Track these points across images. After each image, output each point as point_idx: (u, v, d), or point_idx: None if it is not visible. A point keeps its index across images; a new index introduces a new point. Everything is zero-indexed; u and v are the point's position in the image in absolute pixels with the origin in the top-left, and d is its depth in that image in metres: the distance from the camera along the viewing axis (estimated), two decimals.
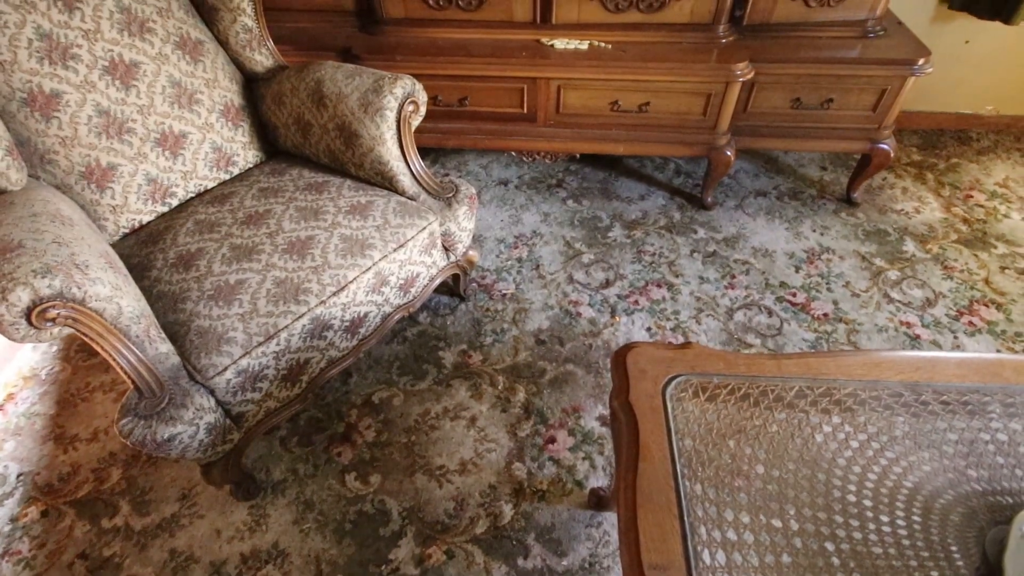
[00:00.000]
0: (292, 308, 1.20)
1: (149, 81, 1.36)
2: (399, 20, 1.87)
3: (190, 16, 1.44)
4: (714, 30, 1.81)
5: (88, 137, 1.30)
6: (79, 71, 1.27)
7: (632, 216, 2.14)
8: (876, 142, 1.94)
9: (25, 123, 1.24)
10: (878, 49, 1.80)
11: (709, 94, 1.81)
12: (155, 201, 1.43)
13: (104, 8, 1.29)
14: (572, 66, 1.78)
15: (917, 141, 2.50)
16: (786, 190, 2.25)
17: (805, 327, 1.74)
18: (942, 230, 2.07)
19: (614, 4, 1.78)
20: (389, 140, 1.39)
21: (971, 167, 2.36)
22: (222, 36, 1.50)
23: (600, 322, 1.76)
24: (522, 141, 1.99)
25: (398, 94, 1.36)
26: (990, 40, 2.25)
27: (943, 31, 2.25)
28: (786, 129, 1.93)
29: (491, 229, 2.09)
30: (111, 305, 0.99)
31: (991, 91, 2.44)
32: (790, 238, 2.04)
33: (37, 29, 1.21)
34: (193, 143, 1.46)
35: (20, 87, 1.22)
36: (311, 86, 1.44)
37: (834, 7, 1.79)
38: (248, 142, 1.58)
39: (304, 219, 1.37)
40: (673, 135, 1.92)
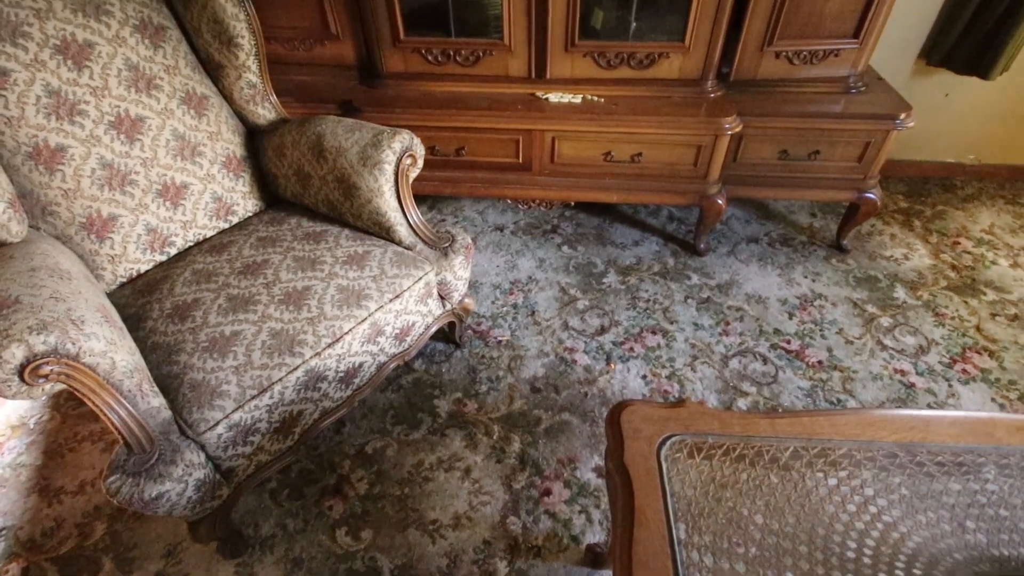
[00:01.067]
0: (287, 360, 1.20)
1: (154, 135, 1.40)
2: (399, 74, 1.93)
3: (196, 73, 1.49)
4: (703, 85, 1.88)
5: (91, 189, 1.32)
6: (85, 126, 1.30)
7: (626, 262, 2.16)
8: (863, 192, 1.99)
9: (29, 176, 1.26)
10: (861, 104, 1.86)
11: (699, 146, 1.86)
12: (154, 250, 1.45)
13: (113, 66, 1.33)
14: (566, 119, 1.84)
15: (903, 189, 2.57)
16: (777, 236, 2.29)
17: (800, 375, 1.74)
18: (932, 277, 2.10)
19: (606, 61, 1.85)
20: (387, 192, 1.42)
21: (957, 214, 2.42)
22: (227, 91, 1.55)
23: (596, 369, 1.76)
24: (518, 189, 2.03)
25: (396, 148, 1.40)
26: (969, 93, 2.34)
27: (923, 85, 2.34)
28: (775, 179, 1.98)
29: (487, 275, 2.11)
30: (105, 360, 0.99)
31: (972, 141, 2.51)
32: (783, 284, 2.06)
33: (46, 86, 1.25)
34: (194, 194, 1.49)
35: (26, 141, 1.24)
36: (312, 139, 1.48)
37: (816, 65, 1.86)
38: (248, 191, 1.61)
39: (301, 269, 1.38)
40: (665, 184, 1.96)
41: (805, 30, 1.78)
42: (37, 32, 1.24)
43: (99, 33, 1.31)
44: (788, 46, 1.81)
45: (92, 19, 1.31)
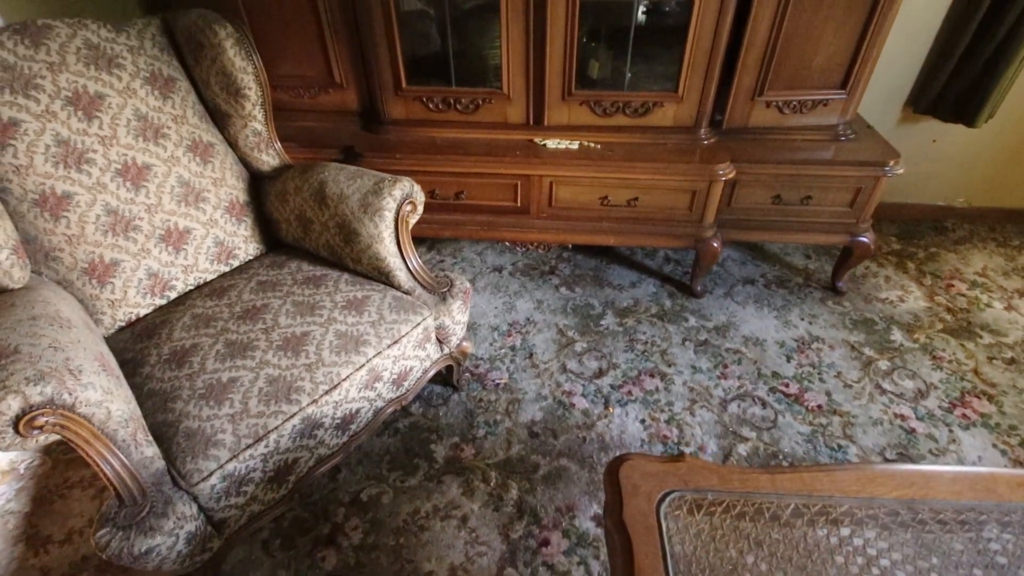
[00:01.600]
0: (284, 408, 1.19)
1: (159, 181, 1.42)
2: (400, 121, 1.99)
3: (203, 121, 1.53)
4: (696, 133, 1.93)
5: (95, 235, 1.34)
6: (92, 174, 1.33)
7: (624, 304, 2.17)
8: (856, 235, 2.02)
9: (34, 222, 1.28)
10: (850, 151, 1.91)
11: (694, 191, 1.89)
12: (154, 294, 1.45)
13: (122, 117, 1.37)
14: (563, 164, 1.88)
15: (896, 231, 2.60)
16: (773, 278, 2.31)
17: (800, 419, 1.73)
18: (927, 319, 2.11)
19: (602, 109, 1.90)
20: (387, 238, 1.44)
21: (950, 256, 2.45)
22: (232, 139, 1.58)
23: (594, 413, 1.75)
24: (516, 232, 2.05)
25: (397, 196, 1.42)
26: (956, 139, 2.40)
27: (911, 132, 2.40)
28: (769, 223, 2.01)
29: (485, 316, 2.11)
30: (100, 410, 0.98)
31: (961, 184, 2.57)
32: (780, 327, 2.07)
33: (56, 136, 1.28)
34: (196, 238, 1.50)
35: (33, 189, 1.27)
36: (314, 186, 1.51)
37: (806, 114, 1.92)
38: (250, 235, 1.63)
39: (300, 314, 1.38)
40: (661, 228, 1.99)
41: (794, 82, 1.84)
42: (50, 84, 1.28)
43: (110, 85, 1.35)
44: (778, 96, 1.87)
45: (104, 72, 1.35)
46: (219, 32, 1.41)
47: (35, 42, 1.27)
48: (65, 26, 1.32)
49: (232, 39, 1.43)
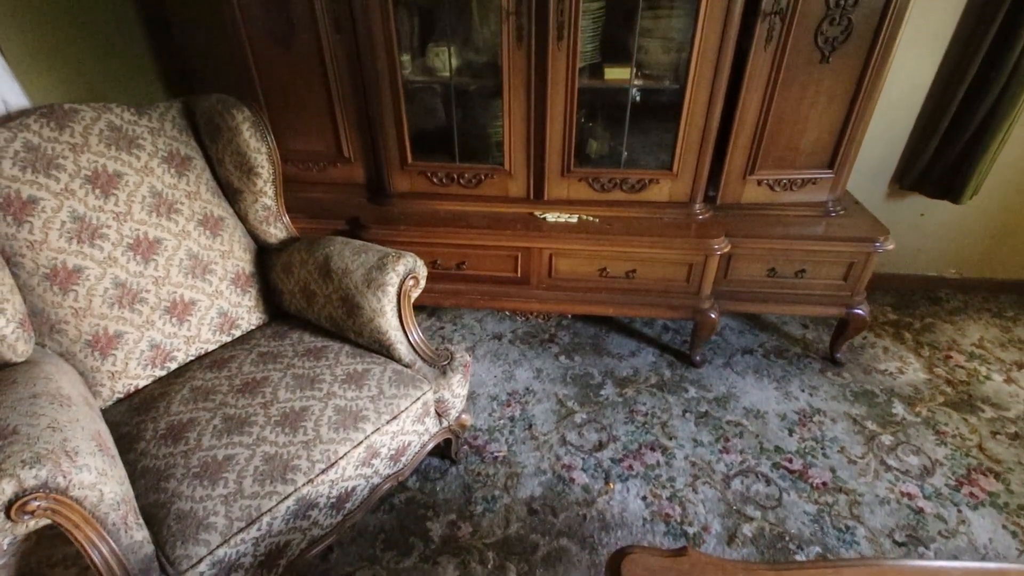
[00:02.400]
0: (279, 488, 1.17)
1: (169, 255, 1.46)
2: (405, 194, 2.05)
3: (216, 197, 1.58)
4: (691, 208, 1.99)
5: (101, 307, 1.36)
6: (104, 248, 1.36)
7: (623, 373, 2.17)
8: (851, 308, 2.05)
9: (43, 296, 1.30)
10: (841, 227, 1.97)
11: (691, 264, 1.94)
12: (155, 366, 1.46)
13: (138, 194, 1.42)
14: (563, 238, 1.93)
15: (891, 300, 2.64)
16: (772, 348, 2.32)
17: (805, 498, 1.69)
18: (928, 392, 2.10)
19: (600, 185, 1.97)
20: (389, 312, 1.46)
21: (946, 327, 2.47)
22: (242, 212, 1.63)
23: (594, 489, 1.71)
24: (516, 302, 2.08)
25: (400, 271, 1.46)
26: (944, 213, 2.47)
27: (899, 206, 2.48)
28: (765, 295, 2.04)
29: (484, 385, 2.11)
30: (93, 492, 0.97)
31: (952, 256, 2.62)
32: (780, 398, 2.06)
33: (72, 213, 1.32)
34: (201, 309, 1.52)
35: (45, 263, 1.29)
36: (320, 260, 1.54)
37: (796, 191, 1.99)
38: (254, 305, 1.65)
39: (300, 388, 1.38)
40: (659, 299, 2.02)
41: (783, 161, 1.92)
42: (71, 164, 1.33)
43: (129, 164, 1.41)
44: (768, 175, 1.95)
45: (124, 152, 1.41)
46: (236, 116, 1.49)
47: (60, 124, 1.34)
48: (90, 110, 1.40)
49: (248, 122, 1.50)
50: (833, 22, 1.65)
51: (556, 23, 1.65)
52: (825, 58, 1.72)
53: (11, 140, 1.27)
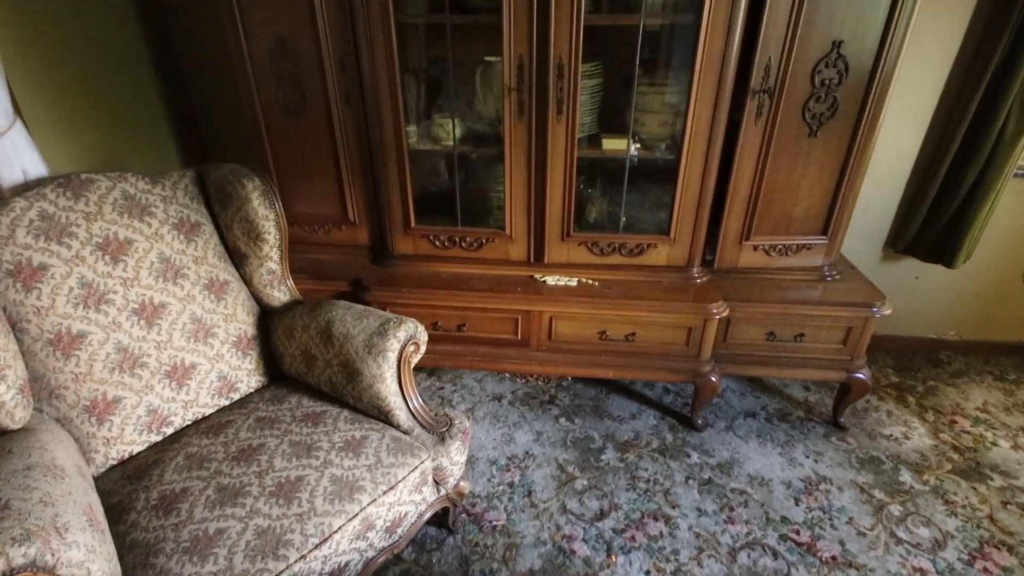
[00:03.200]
0: (269, 565, 1.14)
1: (172, 319, 1.47)
2: (407, 256, 2.09)
3: (222, 261, 1.61)
4: (689, 272, 2.02)
5: (101, 372, 1.36)
6: (109, 313, 1.38)
7: (624, 437, 2.14)
8: (852, 372, 2.04)
9: (45, 361, 1.31)
10: (837, 292, 1.99)
11: (690, 327, 1.95)
12: (151, 431, 1.44)
13: (147, 260, 1.45)
14: (563, 301, 1.95)
15: (892, 362, 2.63)
16: (774, 411, 2.29)
17: (815, 573, 1.63)
18: (935, 459, 2.07)
19: (599, 249, 2.01)
20: (389, 378, 1.46)
21: (949, 390, 2.45)
22: (247, 276, 1.66)
23: (596, 562, 1.65)
24: (516, 364, 2.08)
25: (401, 337, 1.47)
26: (938, 276, 2.50)
27: (893, 269, 2.51)
28: (765, 358, 2.04)
29: (483, 449, 2.07)
30: (81, 571, 0.94)
31: (950, 318, 2.63)
32: (785, 464, 2.02)
33: (80, 279, 1.35)
34: (201, 373, 1.52)
35: (50, 329, 1.31)
36: (322, 324, 1.56)
37: (791, 256, 2.03)
38: (254, 369, 1.65)
39: (296, 456, 1.36)
40: (660, 362, 2.02)
41: (777, 228, 1.97)
42: (83, 232, 1.37)
43: (140, 231, 1.45)
44: (764, 241, 1.99)
45: (136, 219, 1.45)
46: (247, 185, 1.54)
47: (76, 194, 1.39)
48: (106, 179, 1.45)
49: (258, 191, 1.55)
50: (819, 99, 1.74)
51: (556, 99, 1.73)
52: (813, 132, 1.79)
53: (27, 209, 1.31)
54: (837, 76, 1.70)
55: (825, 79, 1.70)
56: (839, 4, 1.60)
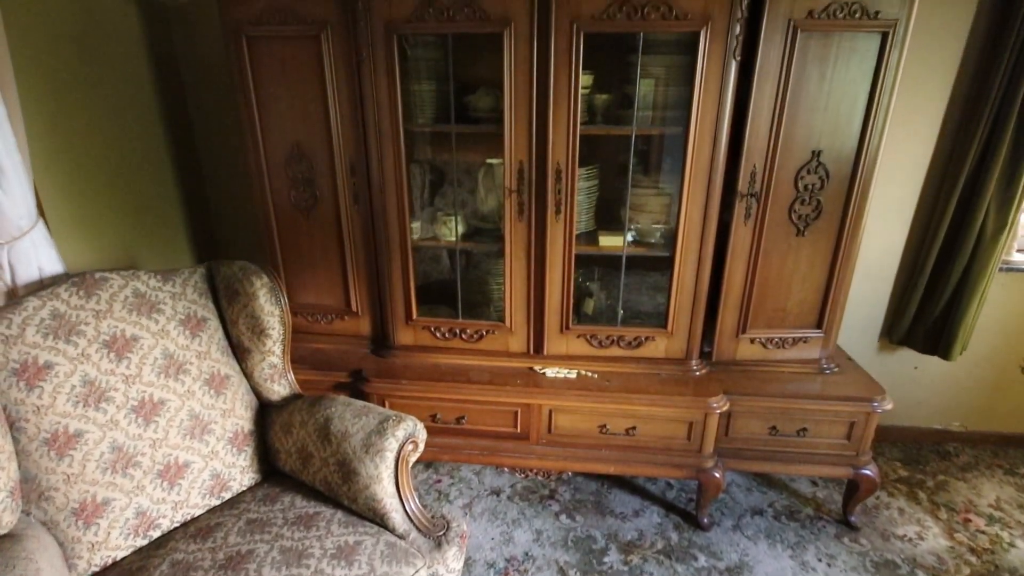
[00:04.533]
0: None
1: (170, 416, 1.47)
2: (408, 347, 2.11)
3: (225, 355, 1.63)
4: (688, 364, 2.03)
5: (94, 473, 1.34)
6: (108, 411, 1.38)
7: (628, 536, 2.06)
8: (858, 468, 2.00)
9: (39, 461, 1.29)
10: (836, 385, 1.99)
11: (691, 421, 1.93)
12: (137, 535, 1.39)
13: (151, 356, 1.47)
14: (562, 394, 1.95)
15: (899, 455, 2.58)
16: (782, 508, 2.22)
17: None
18: (952, 562, 1.98)
19: (598, 341, 2.04)
20: (386, 479, 1.43)
21: (959, 485, 2.38)
22: (248, 370, 1.67)
23: None
24: (516, 459, 2.04)
25: (400, 436, 1.45)
26: (937, 367, 2.51)
27: (891, 360, 2.52)
28: (769, 453, 2.01)
29: (480, 549, 1.99)
30: None
31: (953, 409, 2.61)
32: (797, 569, 1.93)
33: (83, 377, 1.36)
34: (194, 471, 1.50)
35: (48, 428, 1.30)
36: (320, 422, 1.55)
37: (788, 349, 2.05)
38: (248, 466, 1.62)
39: (286, 564, 1.31)
40: (661, 457, 1.98)
41: (773, 321, 2.00)
42: (91, 330, 1.40)
43: (147, 328, 1.48)
44: (760, 334, 2.02)
45: (144, 317, 1.48)
46: (255, 282, 1.59)
47: (88, 293, 1.43)
48: (119, 278, 1.49)
49: (265, 288, 1.60)
50: (804, 202, 1.83)
51: (554, 200, 1.83)
52: (801, 232, 1.87)
53: (40, 308, 1.35)
54: (819, 181, 1.80)
55: (808, 184, 1.81)
56: (816, 118, 1.73)
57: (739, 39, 1.63)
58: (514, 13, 1.64)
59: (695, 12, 1.61)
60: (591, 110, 1.89)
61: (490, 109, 1.88)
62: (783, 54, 1.65)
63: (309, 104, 1.84)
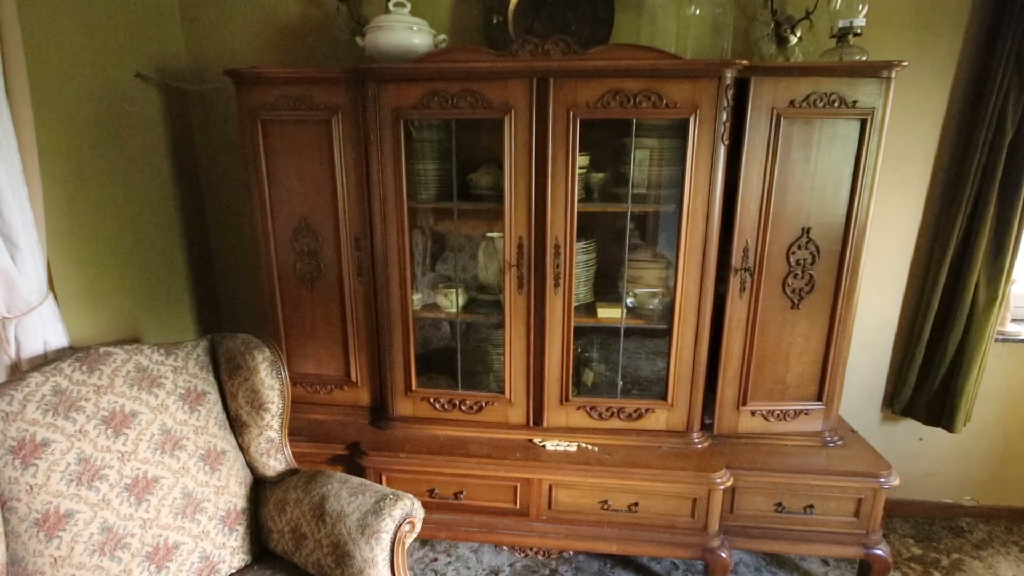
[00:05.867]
0: None
1: (163, 494, 1.44)
2: (407, 418, 2.09)
3: (222, 430, 1.62)
4: (689, 436, 2.01)
5: (81, 556, 1.30)
6: (100, 490, 1.35)
7: None
8: (869, 547, 1.93)
9: (27, 543, 1.26)
10: (841, 460, 1.96)
11: (695, 498, 1.89)
12: None
13: (148, 432, 1.46)
14: (562, 468, 1.91)
15: (911, 531, 2.49)
16: None
17: None
18: None
19: (598, 413, 2.02)
20: (381, 563, 1.39)
21: (975, 564, 2.29)
22: (245, 445, 1.65)
23: None
24: (515, 536, 1.98)
25: (396, 516, 1.42)
26: (942, 438, 2.47)
27: (895, 431, 2.49)
28: (776, 532, 1.95)
29: None
30: None
31: (963, 483, 2.55)
32: None
33: (79, 455, 1.35)
34: (183, 553, 1.45)
35: (39, 508, 1.28)
36: (315, 500, 1.51)
37: (790, 421, 2.03)
38: (239, 546, 1.57)
39: None
40: (665, 536, 1.92)
41: (773, 393, 2.00)
42: (91, 406, 1.40)
43: (146, 403, 1.48)
44: (761, 406, 2.01)
45: (144, 391, 1.49)
46: (257, 356, 1.60)
47: (91, 368, 1.44)
48: (123, 352, 1.51)
49: (267, 362, 1.61)
50: (797, 276, 1.87)
51: (553, 274, 1.87)
52: (796, 305, 1.90)
53: (42, 384, 1.36)
54: (810, 256, 1.86)
55: (800, 259, 1.86)
56: (803, 197, 1.80)
57: (726, 125, 1.72)
58: (514, 101, 1.75)
59: (684, 101, 1.71)
60: (588, 188, 1.97)
61: (491, 186, 1.96)
62: (768, 139, 1.75)
63: (318, 181, 1.92)
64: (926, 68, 2.08)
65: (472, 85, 1.75)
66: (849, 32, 1.81)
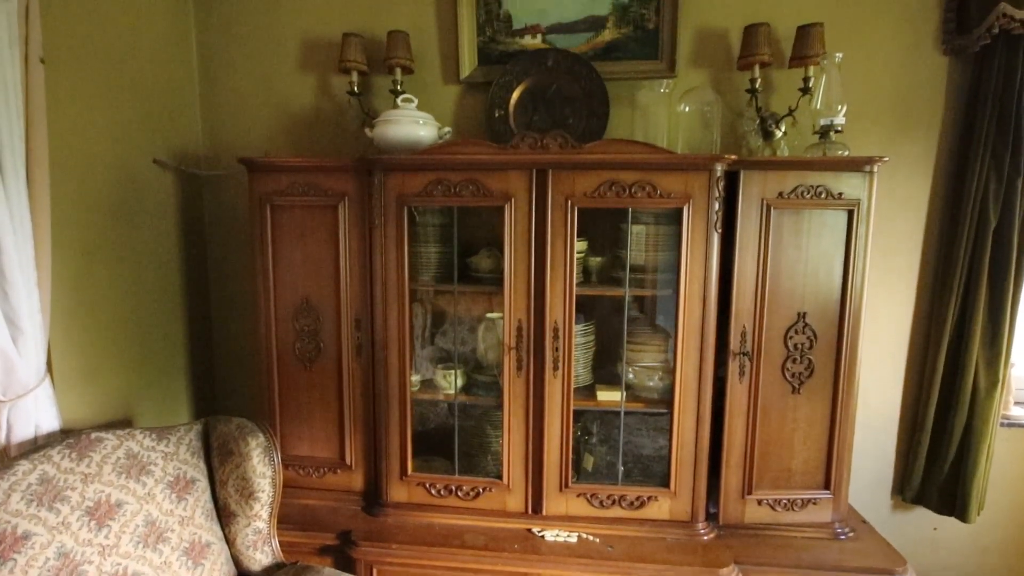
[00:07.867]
0: None
1: None
2: (401, 504, 2.02)
3: (208, 520, 1.56)
4: (694, 527, 1.93)
5: None
6: None
7: None
8: None
9: None
10: (853, 554, 1.87)
11: None
12: None
13: (132, 524, 1.41)
14: (563, 562, 1.82)
15: None
16: None
17: None
18: None
19: (599, 501, 1.96)
20: None
21: None
22: (231, 536, 1.59)
23: None
24: None
25: None
26: (958, 528, 2.37)
27: (907, 520, 2.40)
28: None
29: None
30: None
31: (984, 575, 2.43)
32: None
33: (59, 549, 1.29)
34: None
35: None
36: None
37: (798, 511, 1.96)
38: None
39: None
40: None
41: (779, 482, 1.94)
42: (76, 496, 1.36)
43: (133, 492, 1.44)
44: (767, 495, 1.94)
45: (132, 480, 1.45)
46: (250, 443, 1.58)
47: (81, 455, 1.41)
48: (114, 438, 1.49)
49: (260, 448, 1.58)
50: (796, 361, 1.87)
51: (552, 357, 1.87)
52: (796, 390, 1.89)
53: (29, 472, 1.33)
54: (808, 341, 1.87)
55: (797, 343, 1.87)
56: (797, 282, 1.84)
57: (718, 214, 1.79)
58: (514, 191, 1.82)
59: (677, 192, 1.78)
60: (586, 272, 2.01)
61: (491, 270, 2.01)
62: (760, 227, 1.80)
63: (322, 262, 1.97)
64: (907, 161, 2.19)
65: (474, 175, 1.83)
66: (831, 129, 1.92)
